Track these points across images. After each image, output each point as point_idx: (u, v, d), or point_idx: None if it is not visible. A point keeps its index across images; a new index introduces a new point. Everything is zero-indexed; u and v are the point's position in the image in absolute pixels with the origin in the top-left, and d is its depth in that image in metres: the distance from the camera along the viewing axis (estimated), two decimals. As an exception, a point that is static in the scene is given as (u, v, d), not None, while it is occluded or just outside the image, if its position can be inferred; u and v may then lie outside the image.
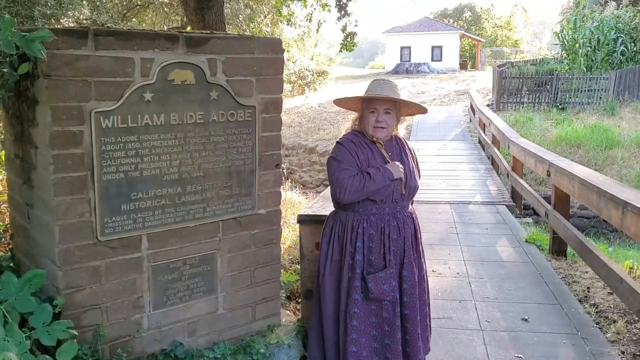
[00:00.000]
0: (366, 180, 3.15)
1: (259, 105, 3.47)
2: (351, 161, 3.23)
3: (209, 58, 3.24)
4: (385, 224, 3.26)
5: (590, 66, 24.78)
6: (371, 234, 3.24)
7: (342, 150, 3.27)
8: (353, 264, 3.24)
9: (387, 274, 3.23)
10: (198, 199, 3.33)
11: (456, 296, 5.21)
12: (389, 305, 3.25)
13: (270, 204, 3.66)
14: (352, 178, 3.15)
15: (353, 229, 3.26)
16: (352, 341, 3.22)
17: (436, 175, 11.85)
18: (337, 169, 3.21)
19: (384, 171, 3.20)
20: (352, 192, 3.14)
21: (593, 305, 4.93)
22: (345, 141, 3.32)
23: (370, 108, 3.29)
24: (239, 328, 3.64)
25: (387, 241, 3.25)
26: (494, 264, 6.16)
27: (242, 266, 3.59)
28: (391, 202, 3.27)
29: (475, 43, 54.23)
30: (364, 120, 3.31)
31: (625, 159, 14.51)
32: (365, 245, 3.24)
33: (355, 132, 3.38)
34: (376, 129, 3.29)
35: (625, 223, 4.10)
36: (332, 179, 3.23)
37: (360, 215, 3.26)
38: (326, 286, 3.33)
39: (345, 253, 3.27)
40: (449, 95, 28.36)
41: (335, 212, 3.43)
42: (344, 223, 3.30)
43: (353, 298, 3.22)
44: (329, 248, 3.34)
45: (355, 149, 3.26)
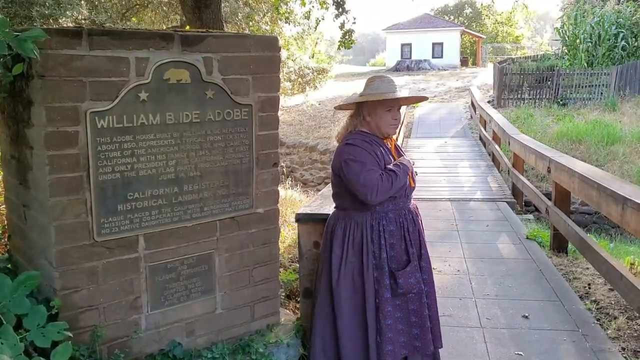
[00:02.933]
0: (393, 178, 3.14)
1: (255, 103, 3.46)
2: (373, 161, 3.19)
3: (205, 57, 3.22)
4: (403, 218, 3.29)
5: (591, 62, 24.73)
6: (392, 231, 3.25)
7: (360, 151, 3.22)
8: (379, 262, 3.22)
9: (412, 267, 3.25)
10: (195, 199, 3.32)
11: (457, 294, 5.19)
12: (415, 297, 3.28)
13: (268, 203, 3.64)
14: (380, 179, 3.12)
15: (373, 228, 3.24)
16: (389, 340, 3.22)
17: (437, 173, 11.85)
18: (361, 170, 3.15)
19: (403, 166, 3.21)
20: (383, 192, 3.11)
21: (594, 301, 4.91)
22: (359, 142, 3.27)
23: (387, 107, 3.28)
24: (238, 327, 3.63)
25: (407, 235, 3.28)
26: (494, 261, 6.15)
27: (241, 266, 3.58)
28: (405, 196, 3.31)
29: (476, 39, 54.16)
30: (375, 119, 3.29)
31: (627, 154, 14.48)
32: (387, 243, 3.24)
33: (359, 132, 3.35)
34: (392, 126, 3.32)
35: (625, 219, 4.08)
36: (359, 181, 3.14)
37: (379, 214, 3.25)
38: (342, 290, 3.29)
39: (367, 253, 3.23)
40: (449, 92, 28.33)
41: (345, 213, 3.37)
42: (360, 224, 3.27)
43: (384, 297, 3.21)
44: (343, 251, 3.29)
45: (372, 148, 3.24)
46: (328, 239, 3.40)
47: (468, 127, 18.57)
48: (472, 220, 8.07)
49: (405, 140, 16.34)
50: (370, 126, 3.33)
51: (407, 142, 16.34)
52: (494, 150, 12.32)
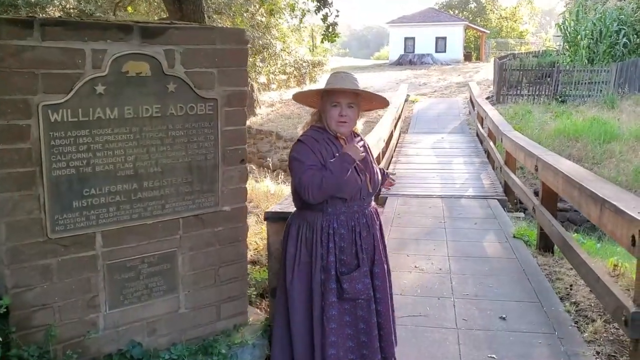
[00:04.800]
0: (329, 174, 2.98)
1: (221, 98, 3.37)
2: (314, 160, 3.05)
3: (166, 49, 3.13)
4: (356, 222, 3.16)
5: (592, 58, 24.56)
6: (342, 234, 3.13)
7: (304, 149, 3.09)
8: (326, 265, 3.11)
9: (360, 272, 3.13)
10: (156, 195, 3.24)
11: (436, 293, 5.11)
12: (364, 303, 3.17)
13: (235, 201, 3.56)
14: (318, 178, 2.97)
15: (323, 229, 3.12)
16: (331, 344, 3.11)
17: (430, 169, 11.76)
18: (299, 169, 3.04)
19: (341, 157, 3.03)
20: (314, 189, 2.96)
21: (574, 303, 4.83)
22: (306, 139, 3.15)
23: (332, 102, 3.14)
24: (203, 327, 3.55)
25: (358, 239, 3.16)
26: (478, 259, 6.06)
27: (206, 265, 3.50)
28: (359, 199, 3.16)
29: (480, 34, 53.88)
30: (326, 115, 3.17)
31: (624, 152, 14.35)
32: (337, 246, 3.12)
33: (315, 128, 3.22)
34: (340, 123, 3.15)
35: (602, 221, 3.98)
36: (297, 179, 3.03)
37: (330, 215, 3.13)
38: (295, 291, 3.17)
39: (316, 255, 3.12)
40: (450, 87, 28.20)
41: (300, 212, 3.26)
42: (312, 224, 3.15)
43: (329, 301, 3.10)
44: (297, 250, 3.18)
45: (319, 146, 3.11)
46: (284, 239, 3.31)
47: (466, 123, 18.43)
48: (461, 218, 7.98)
49: (402, 136, 16.23)
50: (324, 121, 3.21)
51: (404, 137, 16.22)
52: (488, 147, 12.21)
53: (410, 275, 5.58)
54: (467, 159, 12.82)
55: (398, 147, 14.41)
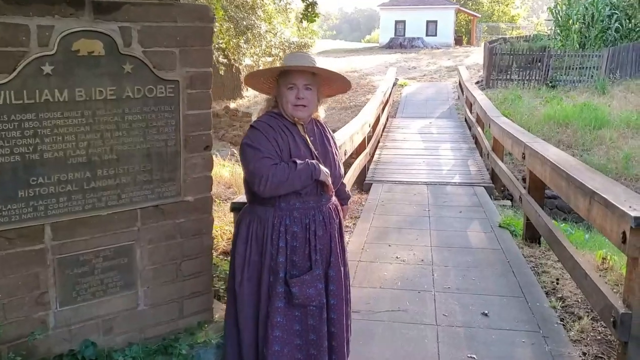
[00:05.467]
0: (291, 171, 2.73)
1: (183, 79, 3.12)
2: (269, 149, 2.78)
3: (122, 26, 2.87)
4: (311, 219, 2.88)
5: (584, 43, 24.33)
6: (295, 232, 2.85)
7: (259, 136, 2.81)
8: (275, 266, 2.83)
9: (313, 276, 2.85)
10: (111, 185, 2.99)
11: (416, 286, 4.91)
12: (315, 310, 2.88)
13: (199, 190, 3.32)
14: (273, 167, 2.72)
15: (274, 226, 2.84)
16: (274, 354, 2.83)
17: (417, 155, 11.56)
18: (253, 157, 2.75)
19: (312, 167, 2.79)
20: (274, 183, 2.71)
21: (560, 298, 4.64)
22: (261, 125, 2.86)
23: (288, 84, 2.86)
24: (164, 325, 3.33)
25: (312, 239, 2.88)
26: (461, 250, 5.86)
27: (167, 258, 3.27)
28: (316, 194, 2.89)
29: (471, 18, 53.49)
30: (282, 99, 2.89)
31: (614, 139, 14.19)
32: (289, 245, 2.84)
33: (271, 113, 2.95)
34: (296, 107, 2.87)
35: (591, 214, 3.78)
36: (249, 169, 2.77)
37: (282, 211, 2.84)
38: (245, 293, 2.90)
39: (266, 254, 2.85)
40: (439, 71, 27.92)
41: (251, 207, 2.97)
42: (262, 220, 2.87)
43: (275, 306, 2.81)
44: (247, 249, 2.89)
45: (274, 134, 2.83)
46: (234, 236, 3.02)
47: (455, 108, 18.21)
48: (446, 206, 7.78)
49: (389, 121, 16.00)
50: (280, 107, 2.94)
51: (392, 122, 16.00)
52: (476, 133, 12.00)
53: (391, 267, 5.38)
54: (455, 144, 12.61)
55: (385, 132, 14.19)
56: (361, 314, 4.32)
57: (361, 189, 9.40)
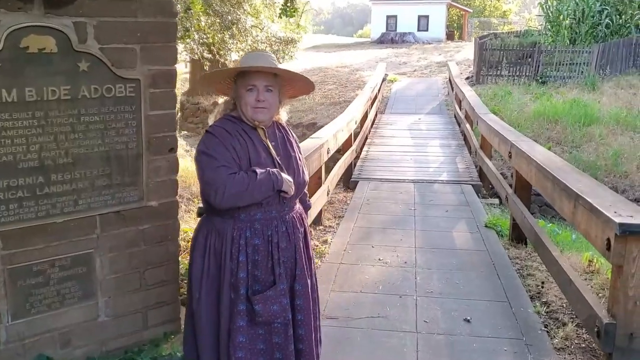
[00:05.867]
0: (250, 181, 2.54)
1: (145, 78, 2.95)
2: (226, 156, 2.57)
3: (76, 22, 2.70)
4: (273, 231, 2.69)
5: (574, 39, 24.19)
6: (256, 245, 2.64)
7: (214, 142, 2.59)
8: (236, 283, 2.62)
9: (277, 291, 2.66)
10: (67, 190, 2.82)
11: (398, 290, 4.75)
12: (280, 327, 2.69)
13: (163, 195, 3.16)
14: (231, 177, 2.52)
15: (234, 240, 2.63)
16: None
17: (405, 152, 11.39)
18: (209, 166, 2.55)
19: (274, 177, 2.61)
20: (231, 195, 2.51)
21: (545, 303, 4.49)
22: (217, 130, 2.64)
23: (247, 85, 2.66)
24: (127, 337, 3.17)
25: (275, 252, 2.69)
26: (446, 252, 5.71)
27: (129, 267, 3.10)
28: (278, 203, 2.71)
29: (463, 13, 53.38)
30: (240, 102, 2.69)
31: (604, 135, 14.05)
32: (250, 259, 2.63)
33: (229, 117, 2.74)
34: (257, 109, 2.66)
35: (576, 218, 3.63)
36: (204, 179, 2.56)
37: (242, 223, 2.64)
38: (203, 310, 2.69)
39: (225, 269, 2.63)
40: (430, 67, 27.75)
41: (208, 217, 2.75)
42: (221, 233, 2.65)
43: (237, 325, 2.62)
44: (205, 262, 2.68)
45: (232, 140, 2.62)
46: (191, 249, 2.80)
47: (444, 104, 18.04)
48: (432, 205, 7.63)
49: (379, 117, 15.84)
50: (239, 110, 2.74)
51: (381, 118, 15.83)
52: (464, 130, 11.86)
53: (373, 269, 5.22)
54: (444, 141, 12.45)
55: (374, 128, 14.03)
56: (339, 321, 4.17)
57: (347, 187, 9.25)
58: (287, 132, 2.91)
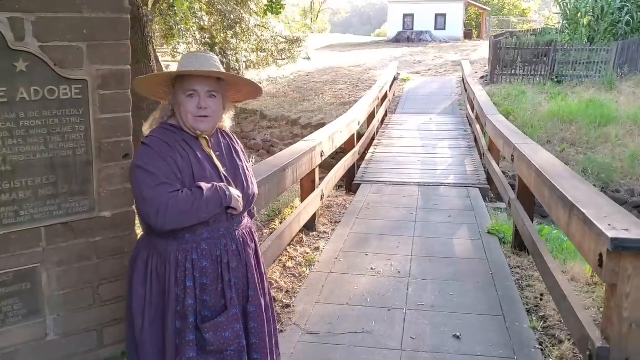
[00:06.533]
0: (196, 199, 2.28)
1: (93, 79, 2.72)
2: (166, 171, 2.30)
3: (11, 17, 2.48)
4: (222, 250, 2.44)
5: (593, 37, 23.68)
6: (204, 268, 2.39)
7: (152, 156, 2.32)
8: (183, 310, 2.36)
9: (229, 316, 2.42)
10: (6, 200, 2.61)
11: (387, 302, 4.50)
12: (234, 355, 2.43)
13: (117, 205, 2.93)
14: (173, 196, 2.26)
15: (179, 263, 2.36)
16: None
17: (412, 153, 11.12)
18: (147, 183, 2.27)
19: (222, 193, 2.36)
20: (174, 216, 2.26)
21: (542, 318, 4.21)
22: (154, 142, 2.36)
23: (187, 90, 2.39)
24: (81, 356, 2.95)
25: (226, 273, 2.44)
26: (443, 260, 5.44)
27: (80, 282, 2.88)
28: (226, 219, 2.46)
29: (481, 12, 52.81)
30: (180, 108, 2.43)
31: (620, 136, 13.63)
32: (198, 284, 2.38)
33: (166, 125, 2.47)
34: (198, 118, 2.41)
35: (570, 230, 3.35)
36: (143, 197, 2.28)
37: (187, 244, 2.37)
38: (148, 343, 2.42)
39: (170, 296, 2.37)
40: (445, 66, 27.35)
41: (148, 239, 2.46)
42: (163, 256, 2.38)
43: (187, 357, 2.35)
44: (146, 290, 2.41)
45: (171, 152, 2.35)
46: (130, 273, 2.53)
47: (457, 104, 17.69)
48: (435, 209, 7.36)
49: (388, 116, 15.56)
50: (178, 118, 2.48)
51: (391, 118, 15.55)
52: (475, 131, 11.54)
53: (364, 280, 4.97)
54: (454, 142, 12.14)
55: (382, 129, 13.77)
56: (319, 337, 3.93)
57: (349, 190, 9.01)
58: (232, 140, 2.66)
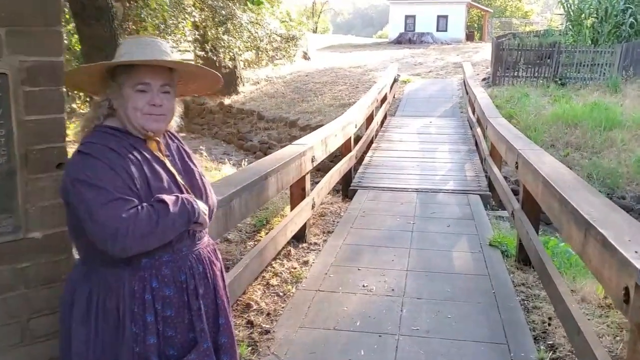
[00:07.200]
0: (160, 216, 1.88)
1: (15, 72, 2.25)
2: (120, 185, 1.87)
3: None
4: (187, 274, 2.02)
5: (596, 39, 23.19)
6: (167, 297, 1.98)
7: (98, 167, 1.88)
8: (143, 351, 1.94)
9: (200, 352, 2.01)
10: None
11: (379, 326, 4.03)
12: None
13: (50, 223, 2.45)
14: (133, 215, 1.84)
15: (135, 295, 1.94)
16: None
17: (411, 157, 10.66)
18: (98, 201, 1.83)
19: (190, 207, 1.96)
20: (138, 238, 1.85)
21: (550, 347, 3.75)
22: (97, 149, 1.92)
23: (138, 84, 1.99)
24: (6, 404, 2.48)
25: (193, 301, 2.02)
26: (441, 276, 4.98)
27: (6, 316, 2.41)
28: (188, 237, 2.04)
29: (483, 13, 52.39)
30: (125, 106, 2.00)
31: (626, 141, 13.15)
32: (160, 317, 1.97)
33: (104, 129, 2.02)
34: (149, 116, 2.01)
35: (586, 251, 2.89)
36: (93, 218, 1.83)
37: (144, 270, 1.95)
38: None
39: (124, 336, 1.94)
40: (446, 67, 26.87)
41: (88, 268, 2.02)
42: (113, 288, 1.95)
43: None
44: (91, 330, 1.96)
45: (121, 160, 1.92)
46: (64, 312, 2.08)
47: (458, 107, 17.21)
48: (434, 218, 6.90)
49: (388, 119, 15.09)
50: (121, 117, 2.04)
51: (390, 120, 15.08)
52: (476, 134, 11.08)
53: (354, 299, 4.51)
54: (454, 146, 11.68)
55: (382, 132, 13.31)
56: (299, 369, 3.47)
57: (345, 196, 8.56)
58: (181, 142, 2.21)
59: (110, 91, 2.02)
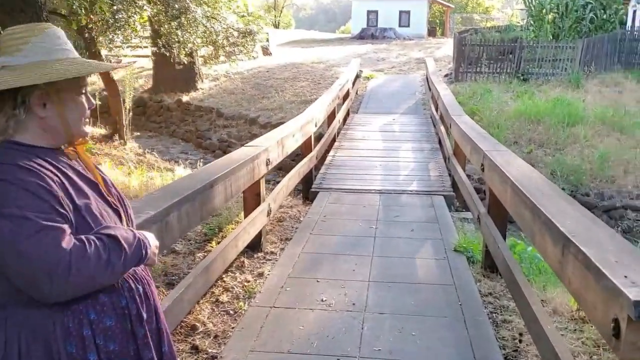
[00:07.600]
0: (110, 259, 1.57)
1: None
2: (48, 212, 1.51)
3: None
4: (128, 298, 1.71)
5: (557, 34, 23.29)
6: (109, 329, 1.66)
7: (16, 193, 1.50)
8: None
9: None
10: None
11: (337, 347, 3.70)
12: None
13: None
14: (76, 251, 1.50)
15: (69, 334, 1.60)
16: None
17: (374, 156, 10.37)
18: (23, 234, 1.46)
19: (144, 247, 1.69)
20: (83, 279, 1.51)
21: (523, 367, 3.47)
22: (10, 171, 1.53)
23: (82, 87, 1.72)
24: None
25: (139, 328, 1.72)
26: (404, 287, 4.67)
27: None
28: None
29: (445, 9, 52.56)
30: (62, 111, 1.66)
31: (589, 137, 13.10)
32: (103, 355, 1.64)
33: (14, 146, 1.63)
34: (85, 121, 1.76)
35: (565, 272, 2.59)
36: (24, 257, 1.45)
37: (79, 302, 1.61)
38: None
39: None
40: (409, 63, 26.70)
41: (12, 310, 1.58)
42: (42, 330, 1.58)
43: None
44: None
45: (50, 181, 1.56)
46: None
47: (421, 103, 17.00)
48: (397, 222, 6.60)
49: (350, 116, 14.79)
50: (43, 129, 1.67)
51: (353, 118, 14.77)
52: (439, 132, 10.84)
53: (312, 316, 4.17)
54: (417, 144, 11.42)
55: (344, 130, 12.99)
56: (247, 403, 3.11)
57: (306, 198, 8.22)
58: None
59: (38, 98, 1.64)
